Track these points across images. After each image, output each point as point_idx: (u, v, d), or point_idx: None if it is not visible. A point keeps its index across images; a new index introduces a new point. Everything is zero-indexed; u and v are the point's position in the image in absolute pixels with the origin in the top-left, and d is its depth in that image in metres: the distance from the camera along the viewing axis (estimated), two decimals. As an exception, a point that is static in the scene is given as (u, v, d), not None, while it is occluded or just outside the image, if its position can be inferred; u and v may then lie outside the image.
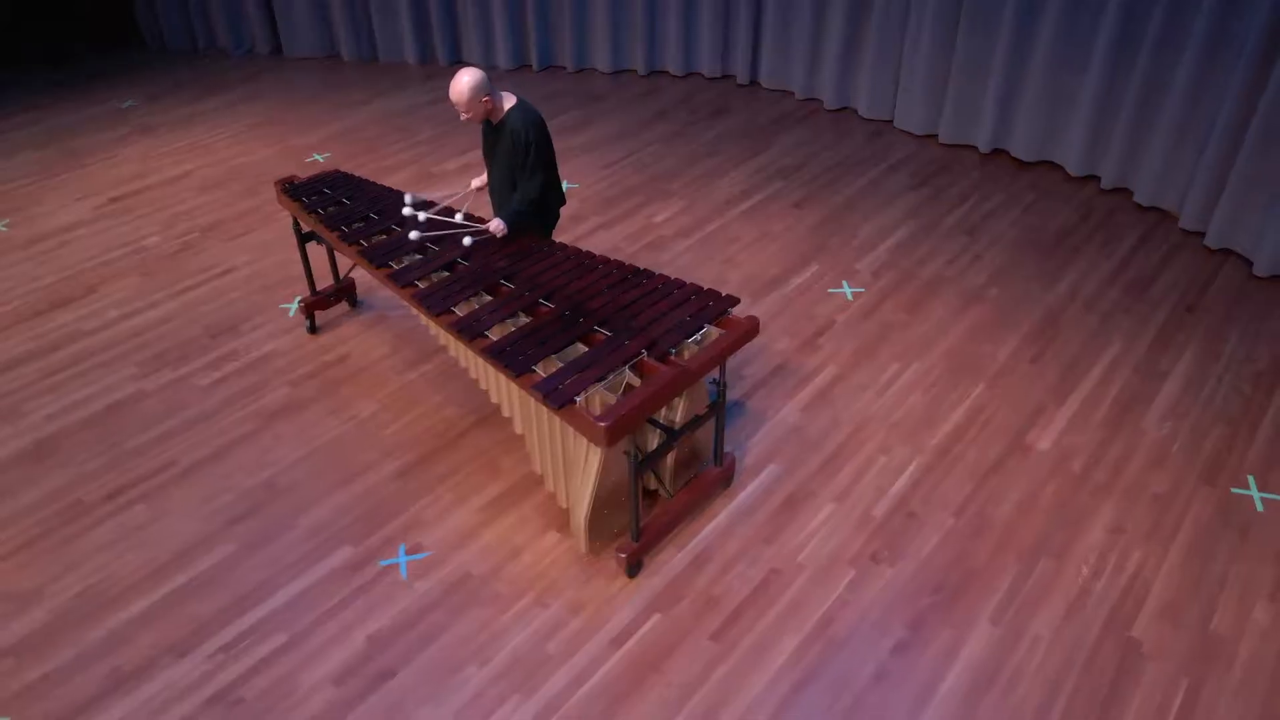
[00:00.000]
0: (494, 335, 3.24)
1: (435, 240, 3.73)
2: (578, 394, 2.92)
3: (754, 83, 7.20)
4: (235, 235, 5.39)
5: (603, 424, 2.81)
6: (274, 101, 6.99)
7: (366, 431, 4.01)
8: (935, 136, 6.40)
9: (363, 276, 4.88)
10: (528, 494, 3.70)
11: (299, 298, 4.83)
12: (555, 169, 3.74)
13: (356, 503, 3.66)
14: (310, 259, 4.54)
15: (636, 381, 3.06)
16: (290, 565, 3.42)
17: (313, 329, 4.58)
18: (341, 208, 4.00)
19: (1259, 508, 3.61)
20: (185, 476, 3.79)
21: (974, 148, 6.25)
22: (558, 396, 2.91)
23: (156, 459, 3.88)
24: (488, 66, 7.53)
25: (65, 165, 6.12)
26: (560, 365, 3.08)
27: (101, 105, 6.91)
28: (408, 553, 3.46)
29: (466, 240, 3.66)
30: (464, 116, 3.56)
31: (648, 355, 3.10)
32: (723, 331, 3.28)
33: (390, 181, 5.88)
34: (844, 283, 4.95)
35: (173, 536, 3.53)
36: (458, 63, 7.63)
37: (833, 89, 6.69)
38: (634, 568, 3.34)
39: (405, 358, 4.43)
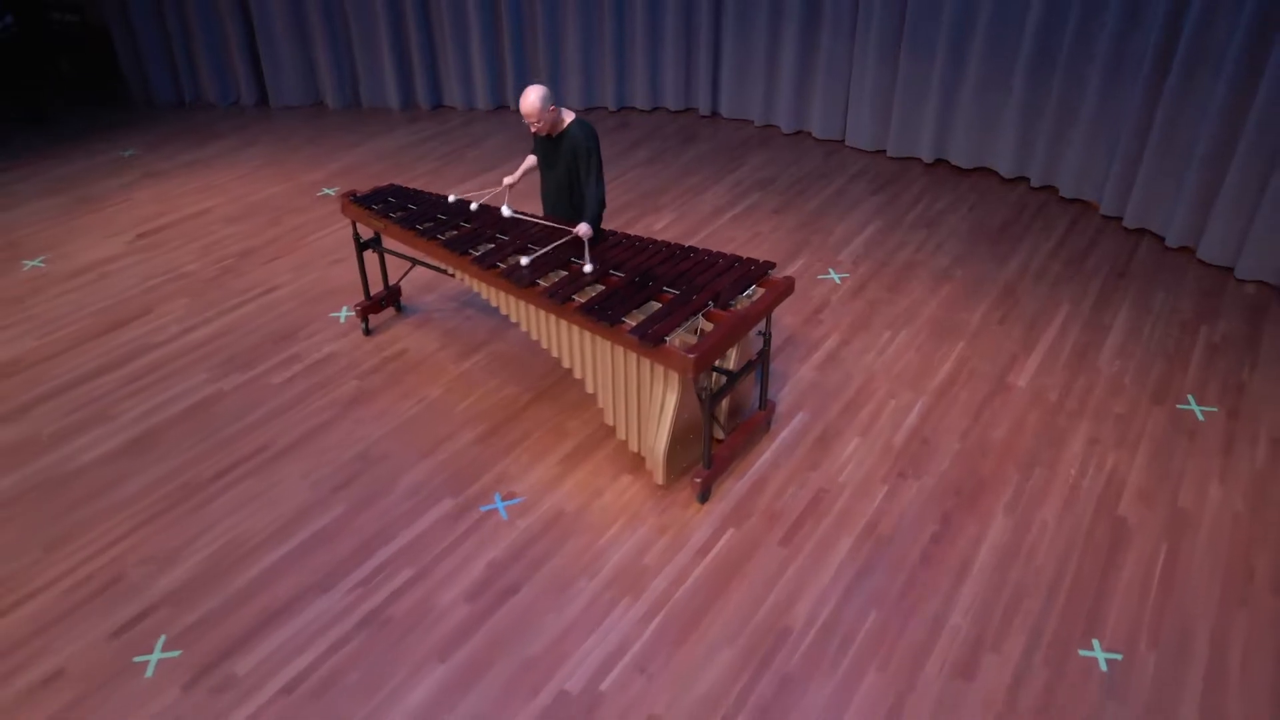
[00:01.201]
0: (580, 300, 3.79)
1: (521, 236, 4.27)
2: (666, 335, 3.50)
3: (715, 114, 7.97)
4: (269, 259, 5.80)
5: (691, 355, 3.39)
6: (271, 146, 7.43)
7: (438, 410, 4.48)
8: (884, 151, 7.23)
9: (409, 282, 5.35)
10: (597, 448, 4.23)
11: (346, 307, 5.28)
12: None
13: (445, 466, 4.13)
14: (347, 270, 5.01)
15: (707, 328, 3.64)
16: (400, 517, 3.86)
17: (367, 331, 5.04)
18: (408, 213, 4.51)
19: (1200, 418, 4.39)
20: (283, 455, 4.20)
21: (919, 159, 7.10)
22: (650, 339, 3.48)
23: (252, 444, 4.27)
24: (467, 108, 8.13)
25: (83, 209, 6.44)
26: (642, 318, 3.65)
27: (102, 155, 7.24)
28: (503, 499, 3.94)
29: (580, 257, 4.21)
30: (534, 127, 4.15)
31: (714, 306, 3.70)
32: (764, 290, 3.90)
33: (435, 190, 6.37)
34: (830, 270, 5.65)
35: (286, 502, 3.94)
36: (439, 106, 8.20)
37: (788, 115, 7.50)
38: (704, 494, 3.89)
39: (457, 350, 4.92)
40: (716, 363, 3.92)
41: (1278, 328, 5.06)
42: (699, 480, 3.83)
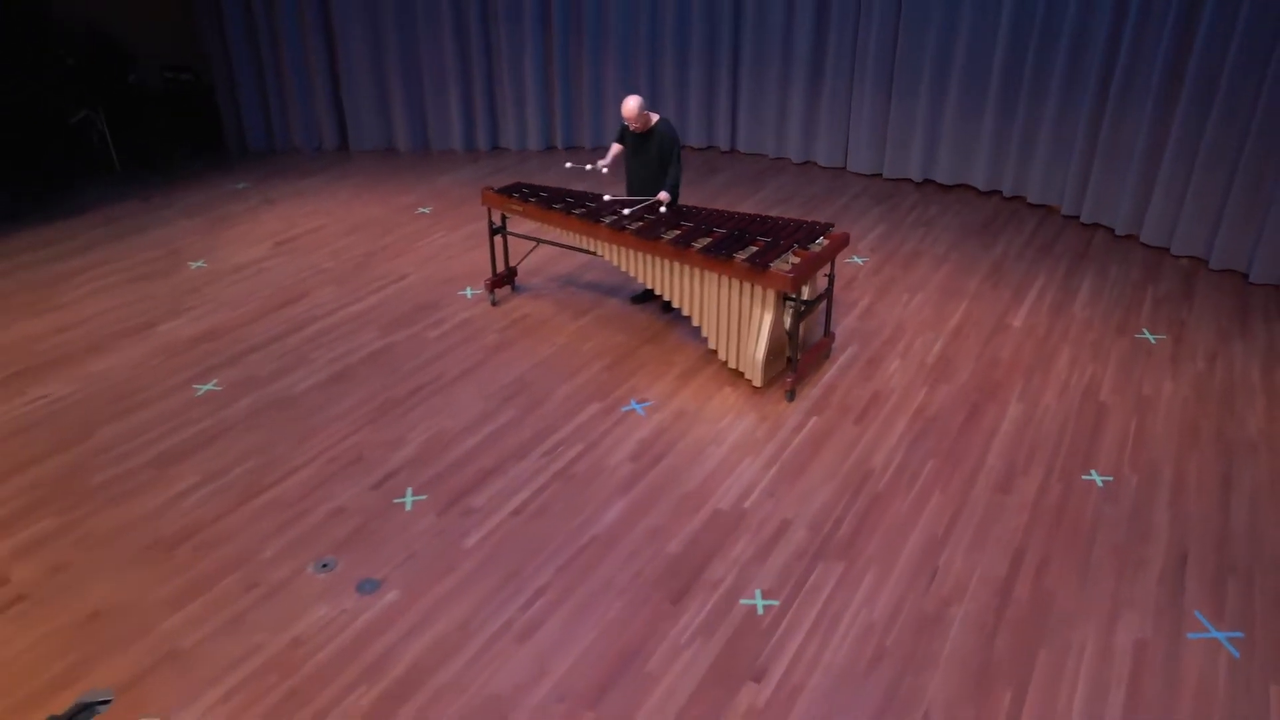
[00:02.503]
0: (698, 247, 5.08)
1: (626, 207, 5.57)
2: (770, 262, 4.79)
3: (734, 149, 9.42)
4: (392, 258, 7.01)
5: (790, 275, 4.69)
6: (360, 179, 8.68)
7: (568, 350, 5.69)
8: (880, 174, 8.71)
9: (527, 264, 6.58)
10: (699, 372, 5.46)
11: (469, 287, 6.50)
12: (678, 160, 5.70)
13: (586, 384, 5.33)
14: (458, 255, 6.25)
15: (796, 261, 4.94)
16: (561, 415, 5.04)
17: (494, 302, 6.26)
18: (542, 198, 5.79)
19: (1153, 342, 5.76)
20: (456, 381, 5.36)
21: (910, 179, 8.57)
22: (759, 265, 4.78)
23: (428, 375, 5.43)
24: (520, 149, 9.49)
25: (220, 227, 7.60)
26: (746, 256, 4.95)
27: (219, 189, 8.42)
28: (638, 402, 5.14)
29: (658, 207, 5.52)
30: (633, 126, 5.49)
31: (798, 247, 5.01)
32: (828, 241, 5.23)
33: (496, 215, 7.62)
34: (853, 255, 7.01)
35: (470, 409, 5.10)
36: (496, 148, 9.56)
37: (797, 147, 8.97)
38: (792, 393, 5.14)
39: (570, 314, 6.15)
40: (796, 295, 5.21)
41: (1205, 286, 6.50)
42: (789, 380, 5.09)
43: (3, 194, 7.96)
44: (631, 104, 5.43)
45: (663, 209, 5.48)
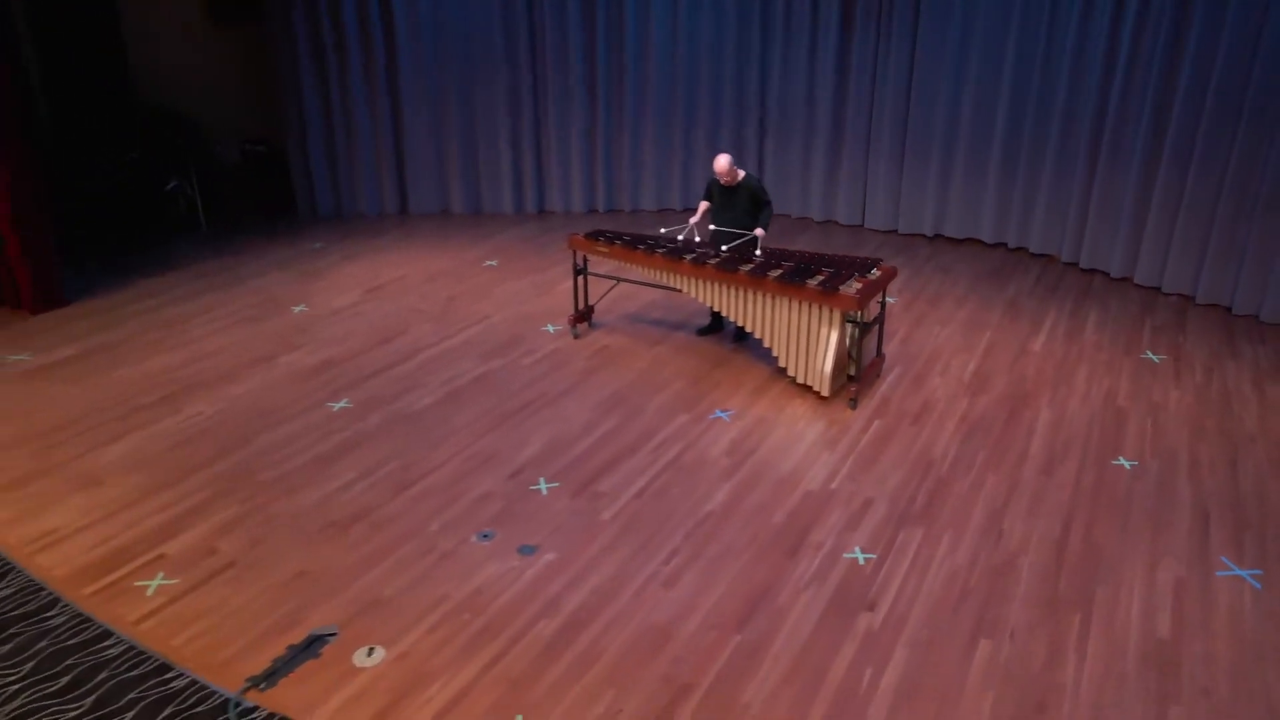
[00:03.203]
0: (773, 276, 5.92)
1: (724, 243, 6.41)
2: (839, 287, 5.65)
3: (760, 210, 10.38)
4: (473, 301, 7.81)
5: (856, 296, 5.54)
6: (425, 238, 9.51)
7: (650, 373, 6.46)
8: (896, 230, 9.68)
9: (600, 304, 7.37)
10: (770, 388, 6.25)
11: (550, 324, 7.30)
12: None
13: (673, 398, 6.09)
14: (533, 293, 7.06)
15: (858, 287, 5.79)
16: (658, 422, 5.79)
17: (576, 335, 7.05)
18: (626, 241, 6.64)
19: (1156, 361, 6.64)
20: (559, 398, 6.11)
21: (923, 234, 9.55)
22: (830, 288, 5.62)
23: (532, 394, 6.18)
24: (565, 211, 10.41)
25: (310, 278, 8.37)
26: (816, 282, 5.80)
27: (298, 248, 9.22)
28: (722, 411, 5.92)
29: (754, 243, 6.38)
30: (724, 180, 6.38)
31: (857, 275, 5.88)
32: (880, 273, 6.10)
33: (556, 271, 8.45)
34: (885, 296, 7.90)
35: (578, 418, 5.84)
36: (543, 210, 10.47)
37: (819, 207, 9.95)
38: (854, 401, 5.93)
39: (644, 345, 6.95)
40: (859, 315, 6.04)
41: (1195, 317, 7.43)
42: (853, 390, 5.90)
43: (112, 251, 8.73)
44: (724, 161, 6.33)
45: (758, 249, 6.30)
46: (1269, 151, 7.07)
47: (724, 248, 6.25)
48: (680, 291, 6.49)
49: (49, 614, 4.14)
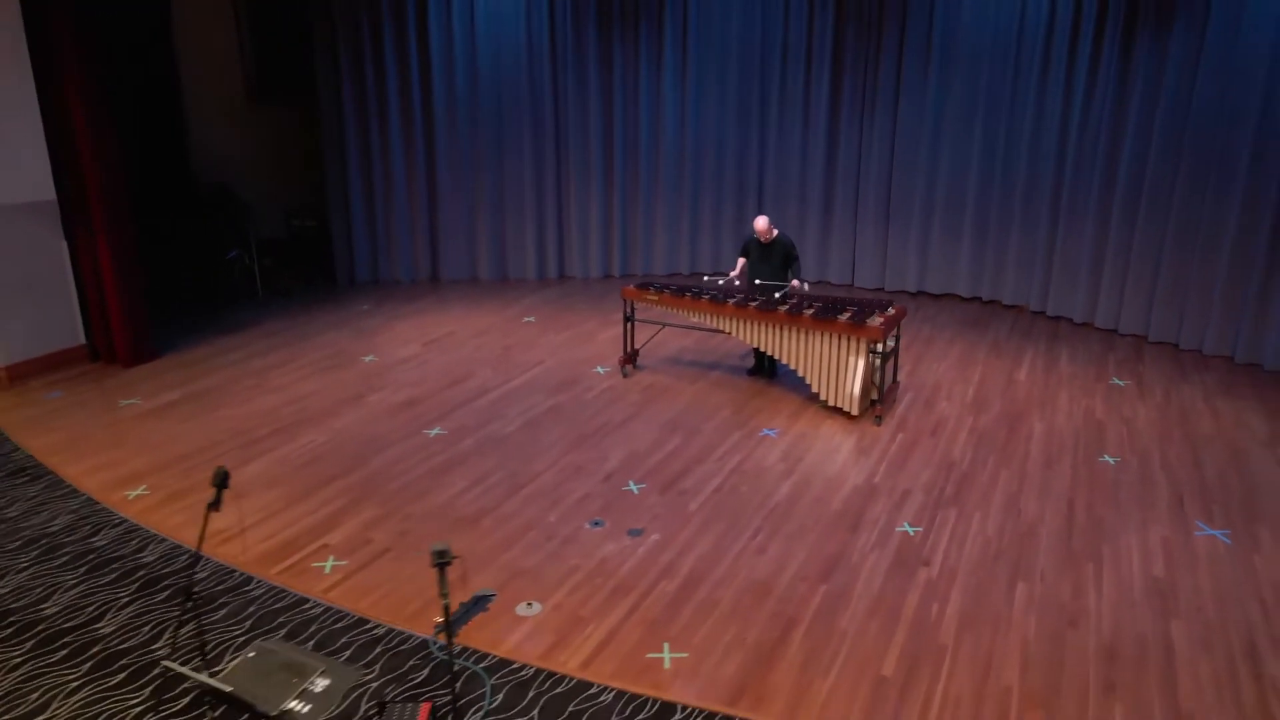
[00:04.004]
0: (808, 314, 7.00)
1: (768, 291, 7.48)
2: (865, 320, 6.74)
3: (759, 273, 11.54)
4: (524, 350, 8.75)
5: (881, 327, 6.64)
6: (462, 300, 10.47)
7: (697, 403, 7.44)
8: (882, 287, 10.90)
9: (646, 349, 8.35)
10: (804, 412, 7.27)
11: (599, 366, 8.26)
12: (789, 258, 7.68)
13: (723, 421, 7.07)
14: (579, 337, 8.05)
15: (880, 320, 6.89)
16: (717, 438, 6.75)
17: (625, 374, 8.02)
18: (673, 290, 7.68)
19: (1122, 385, 7.83)
20: (625, 423, 7.05)
21: (907, 290, 10.78)
22: (857, 321, 6.72)
23: (601, 420, 7.11)
24: (583, 276, 11.47)
25: (367, 335, 9.25)
26: (845, 317, 6.89)
27: (347, 310, 10.10)
28: (768, 429, 6.91)
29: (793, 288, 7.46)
30: (763, 239, 7.50)
31: (878, 312, 6.99)
32: (894, 311, 7.22)
33: (591, 324, 9.44)
34: (898, 330, 9.03)
35: (645, 437, 6.78)
36: (563, 275, 11.51)
37: (813, 269, 11.15)
38: (879, 419, 6.98)
39: (686, 381, 7.94)
40: (882, 344, 7.12)
41: (1150, 353, 8.69)
42: (878, 409, 6.95)
43: (184, 312, 9.54)
44: (763, 221, 7.46)
45: (794, 293, 7.41)
46: (1202, 210, 8.44)
47: (776, 295, 7.32)
48: (723, 332, 7.53)
49: (248, 588, 4.91)
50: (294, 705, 2.97)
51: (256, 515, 5.68)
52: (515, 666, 4.30)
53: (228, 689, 2.85)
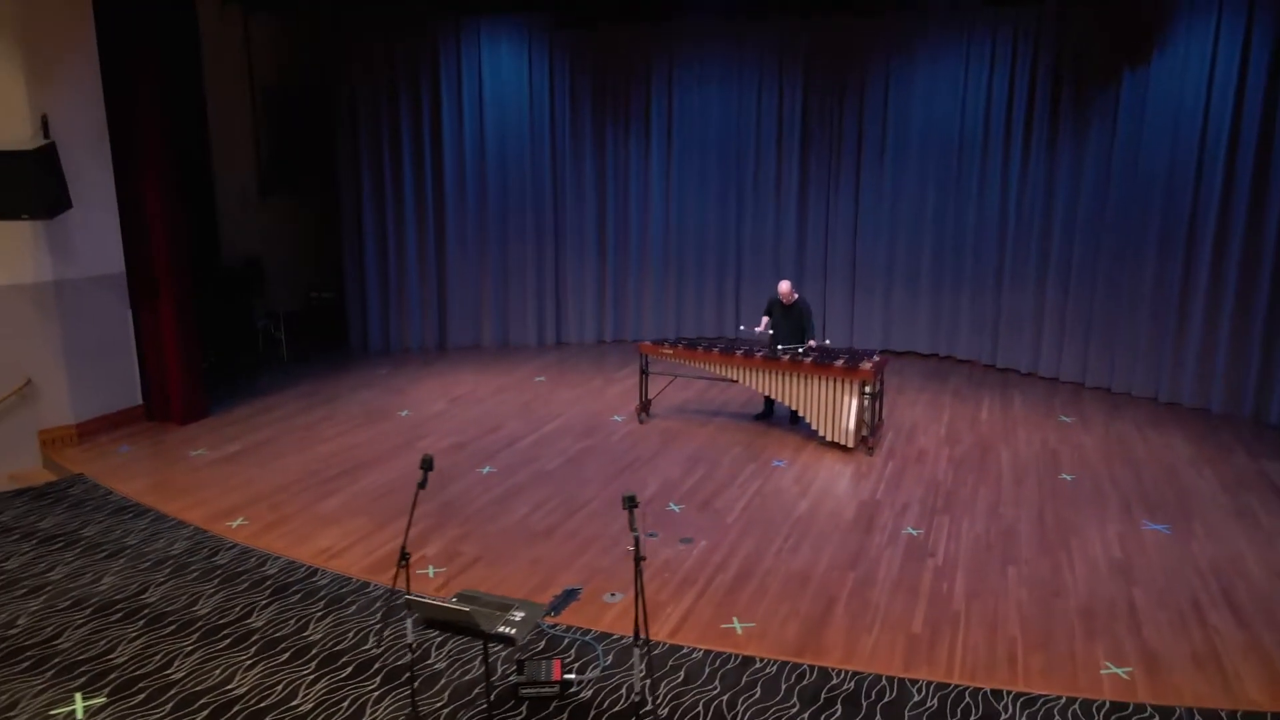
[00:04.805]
0: (807, 360, 8.15)
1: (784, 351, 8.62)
2: (858, 364, 7.93)
3: (737, 337, 12.76)
4: (544, 404, 9.72)
5: (871, 369, 7.84)
6: (471, 365, 11.39)
7: (711, 443, 8.49)
8: (851, 346, 12.18)
9: (658, 399, 9.36)
10: (804, 447, 8.37)
11: (617, 414, 9.27)
12: (806, 320, 8.86)
13: (738, 456, 8.12)
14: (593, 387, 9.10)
15: (870, 363, 8.08)
16: (736, 469, 7.78)
17: (642, 420, 9.04)
18: (687, 343, 8.78)
19: (1069, 422, 9.13)
20: (652, 459, 8.04)
21: (872, 348, 12.07)
22: (851, 365, 7.90)
23: (630, 457, 8.09)
24: (579, 341, 12.52)
25: (392, 392, 10.10)
26: (840, 363, 8.07)
27: (367, 374, 10.94)
28: (778, 461, 7.97)
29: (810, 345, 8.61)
30: (785, 300, 8.68)
31: (867, 358, 8.20)
32: (879, 358, 8.43)
33: (597, 382, 10.46)
34: (882, 375, 10.24)
35: (672, 469, 7.77)
36: (560, 342, 12.54)
37: (787, 332, 12.40)
38: (871, 450, 8.11)
39: (696, 425, 8.99)
40: (873, 385, 8.28)
41: (1088, 395, 10.05)
42: (871, 441, 8.09)
43: (221, 375, 10.30)
44: (786, 285, 8.67)
45: (811, 351, 8.51)
46: (1123, 275, 9.93)
47: (799, 350, 8.42)
48: (732, 380, 8.63)
49: (366, 590, 5.72)
50: (503, 629, 3.87)
51: (352, 538, 6.50)
52: (615, 637, 5.21)
53: (466, 609, 3.74)
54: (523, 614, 4.01)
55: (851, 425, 8.10)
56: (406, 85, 11.45)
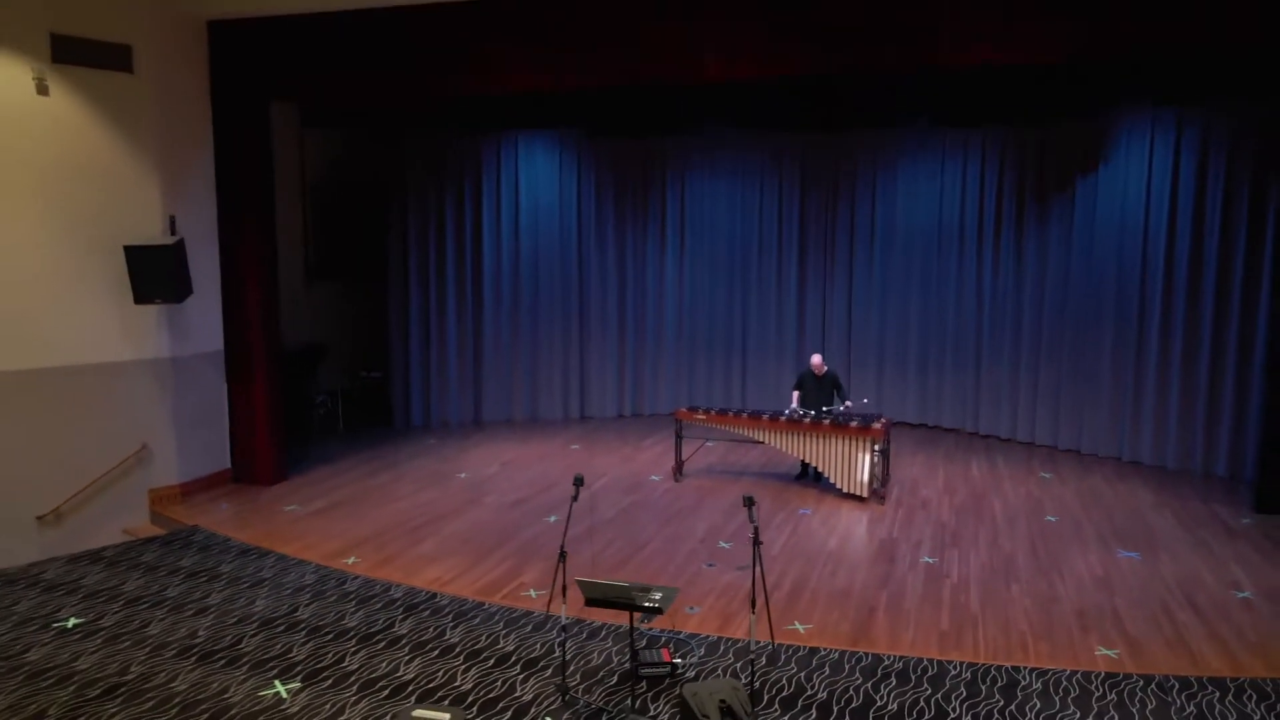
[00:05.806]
0: (826, 423, 9.48)
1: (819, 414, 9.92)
2: (871, 424, 9.28)
3: (743, 408, 14.06)
4: (586, 467, 10.87)
5: (882, 430, 9.18)
6: (509, 437, 12.54)
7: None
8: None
9: (690, 461, 10.56)
10: (824, 499, 9.62)
11: (653, 475, 10.47)
12: (811, 389, 10.20)
13: (768, 507, 9.33)
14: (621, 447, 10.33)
15: (880, 424, 9.42)
16: (769, 515, 8.98)
17: (677, 480, 10.26)
18: (719, 410, 10.08)
19: (1049, 478, 10.51)
20: (694, 510, 9.24)
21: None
22: (865, 426, 9.24)
23: (675, 509, 9.27)
24: (601, 416, 13.75)
25: (446, 460, 11.22)
26: (854, 425, 9.40)
27: (415, 446, 12.04)
28: (804, 509, 9.21)
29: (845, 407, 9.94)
30: (818, 372, 10.04)
31: (877, 419, 9.54)
32: (885, 420, 9.78)
33: (628, 449, 11.65)
34: (889, 435, 11.57)
35: (713, 517, 8.96)
36: (585, 416, 13.76)
37: (785, 402, 13.75)
38: (882, 500, 9.39)
39: (727, 483, 10.22)
40: (883, 443, 9.58)
41: (1061, 457, 11.47)
42: (882, 492, 9.37)
43: (290, 445, 11.37)
44: (817, 359, 10.07)
45: (843, 412, 9.86)
46: (1086, 351, 11.48)
47: (827, 411, 9.80)
48: (760, 442, 9.91)
49: (482, 607, 6.81)
50: (648, 604, 5.04)
51: (455, 571, 7.59)
52: (702, 636, 6.35)
53: (626, 584, 4.91)
54: (660, 594, 5.19)
55: (865, 478, 9.39)
56: (452, 186, 12.92)
